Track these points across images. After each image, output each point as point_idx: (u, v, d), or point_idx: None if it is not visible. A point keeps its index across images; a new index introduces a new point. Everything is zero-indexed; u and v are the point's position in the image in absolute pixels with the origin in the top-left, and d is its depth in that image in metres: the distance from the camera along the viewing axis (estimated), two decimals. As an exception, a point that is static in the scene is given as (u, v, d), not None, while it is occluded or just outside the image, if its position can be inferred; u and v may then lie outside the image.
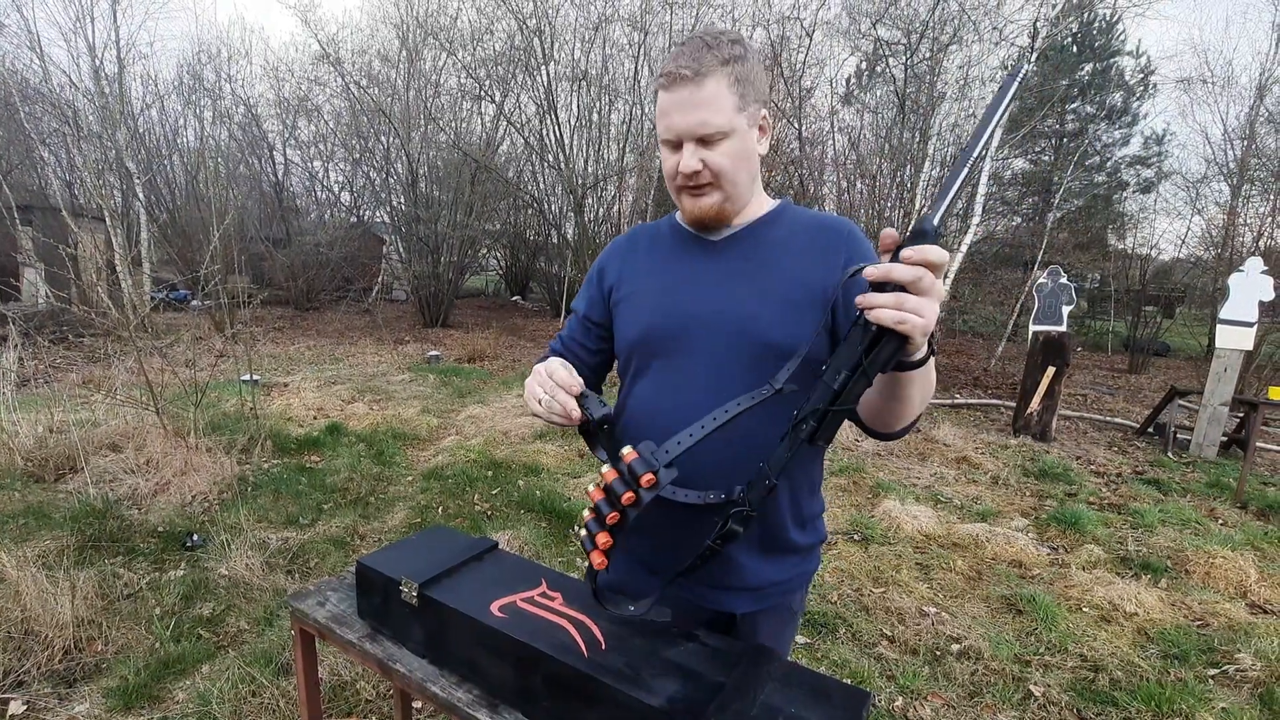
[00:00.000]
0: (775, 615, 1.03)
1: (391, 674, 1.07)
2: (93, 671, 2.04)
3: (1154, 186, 14.14)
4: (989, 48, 7.31)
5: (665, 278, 0.99)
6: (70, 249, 5.63)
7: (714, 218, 0.94)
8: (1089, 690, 2.22)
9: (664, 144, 0.92)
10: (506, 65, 10.22)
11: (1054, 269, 5.88)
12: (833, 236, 0.94)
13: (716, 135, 0.87)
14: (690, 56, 0.85)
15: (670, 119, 0.88)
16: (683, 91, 0.86)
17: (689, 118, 0.86)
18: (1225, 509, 4.02)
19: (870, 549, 3.26)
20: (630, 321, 1.01)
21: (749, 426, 0.84)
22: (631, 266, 1.05)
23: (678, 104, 0.87)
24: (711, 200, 0.92)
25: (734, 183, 0.91)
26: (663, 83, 0.88)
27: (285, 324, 10.54)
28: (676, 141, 0.89)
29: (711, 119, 0.86)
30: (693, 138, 0.88)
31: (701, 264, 0.97)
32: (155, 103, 13.06)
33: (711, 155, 0.88)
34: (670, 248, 1.02)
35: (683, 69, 0.85)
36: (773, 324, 0.89)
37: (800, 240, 0.95)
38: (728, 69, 0.86)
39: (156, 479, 3.39)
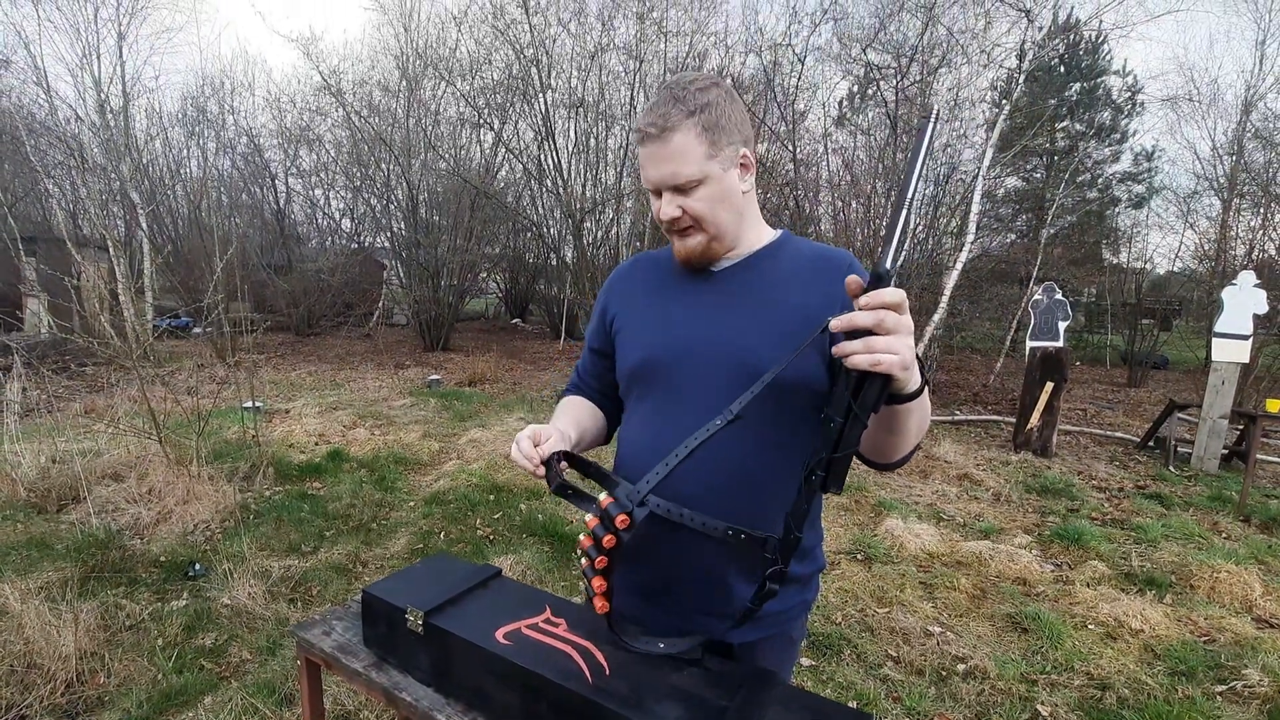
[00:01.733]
0: (774, 644, 1.03)
1: (397, 703, 1.08)
2: (95, 704, 2.03)
3: (1145, 202, 14.31)
4: (978, 70, 7.47)
5: (664, 308, 1.01)
6: (74, 279, 5.68)
7: (700, 256, 0.98)
8: (1097, 709, 2.21)
9: (649, 190, 0.97)
10: (505, 93, 10.41)
11: (1049, 285, 5.94)
12: (832, 268, 0.96)
13: (689, 184, 0.91)
14: (658, 113, 0.89)
15: (646, 171, 0.94)
16: (652, 146, 0.90)
17: (660, 170, 0.91)
18: (1228, 522, 4.01)
19: (873, 568, 3.25)
20: (629, 350, 1.03)
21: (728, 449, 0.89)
22: (630, 295, 1.07)
23: (649, 158, 0.92)
24: (697, 240, 0.96)
25: (715, 224, 0.94)
26: (638, 138, 0.93)
27: (287, 350, 10.58)
28: (656, 190, 0.94)
29: (681, 170, 0.90)
30: (667, 187, 0.92)
31: (700, 294, 0.99)
32: (159, 134, 13.30)
33: (688, 202, 0.92)
34: (670, 277, 1.04)
35: (649, 126, 0.89)
36: (771, 355, 0.88)
37: (800, 272, 0.97)
38: (694, 120, 0.88)
39: (159, 508, 3.39)
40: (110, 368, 6.34)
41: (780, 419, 0.94)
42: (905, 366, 0.66)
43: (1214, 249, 10.99)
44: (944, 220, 8.20)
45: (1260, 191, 10.54)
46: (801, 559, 1.02)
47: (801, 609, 1.05)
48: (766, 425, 0.93)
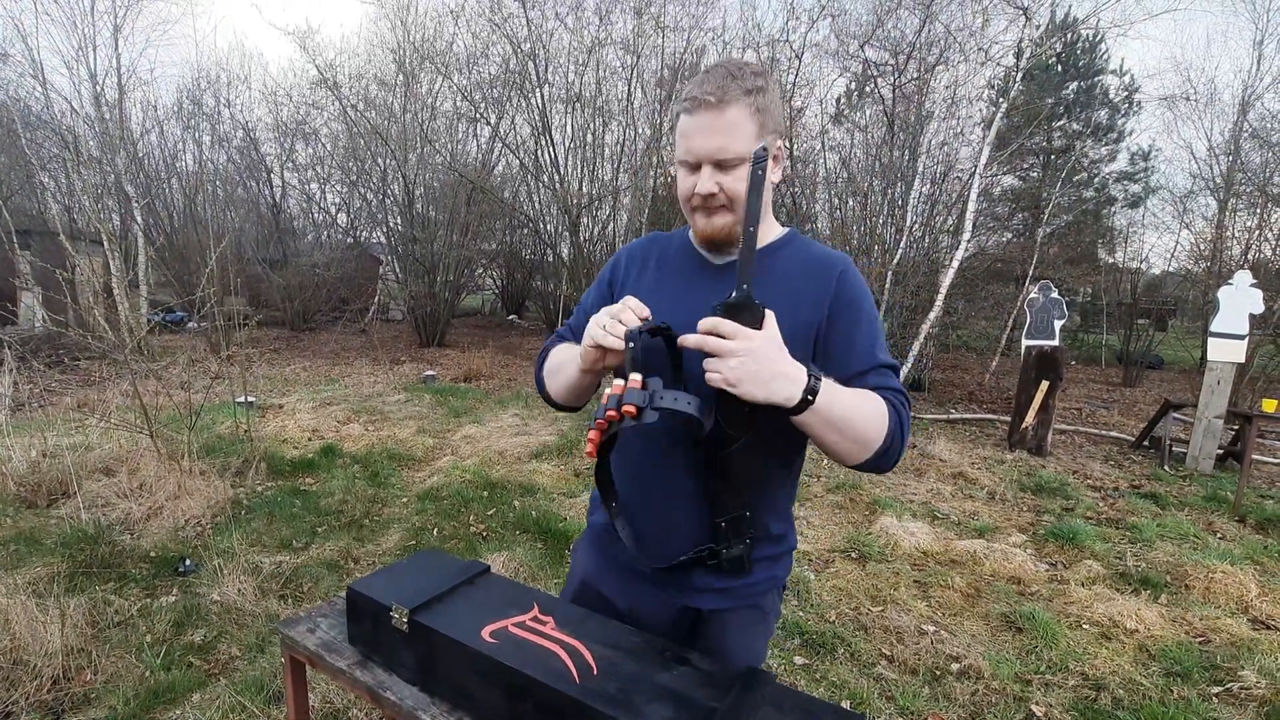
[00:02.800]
0: (745, 614, 1.06)
1: (382, 702, 1.06)
2: (81, 702, 2.00)
3: (1142, 201, 14.33)
4: (975, 68, 7.45)
5: (667, 295, 1.03)
6: (68, 273, 5.64)
7: (725, 238, 0.98)
8: (1091, 709, 2.20)
9: (681, 164, 0.95)
10: (501, 88, 10.36)
11: (1045, 284, 5.94)
12: (825, 274, 0.99)
13: (734, 160, 0.90)
14: (715, 83, 0.88)
15: (691, 141, 0.91)
16: (706, 116, 0.89)
17: (710, 142, 0.90)
18: (1223, 522, 4.02)
19: (868, 567, 3.24)
20: None
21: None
22: (638, 273, 1.09)
23: (700, 128, 0.90)
24: (724, 221, 0.96)
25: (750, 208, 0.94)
26: (687, 106, 0.91)
27: (281, 345, 10.53)
28: (695, 163, 0.93)
29: (731, 145, 0.89)
30: (711, 161, 0.91)
31: (702, 287, 1.00)
32: (155, 128, 13.20)
33: (727, 180, 0.92)
34: (677, 265, 1.06)
35: (708, 94, 0.88)
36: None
37: (797, 275, 0.99)
38: (750, 99, 0.89)
39: (149, 503, 3.37)
40: (103, 362, 6.31)
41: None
42: (730, 384, 0.77)
43: (1210, 249, 11.00)
44: (940, 218, 8.20)
45: (1257, 192, 10.55)
46: (772, 542, 1.06)
47: (771, 584, 1.08)
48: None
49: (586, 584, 1.16)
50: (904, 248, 7.46)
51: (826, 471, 4.78)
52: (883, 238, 7.74)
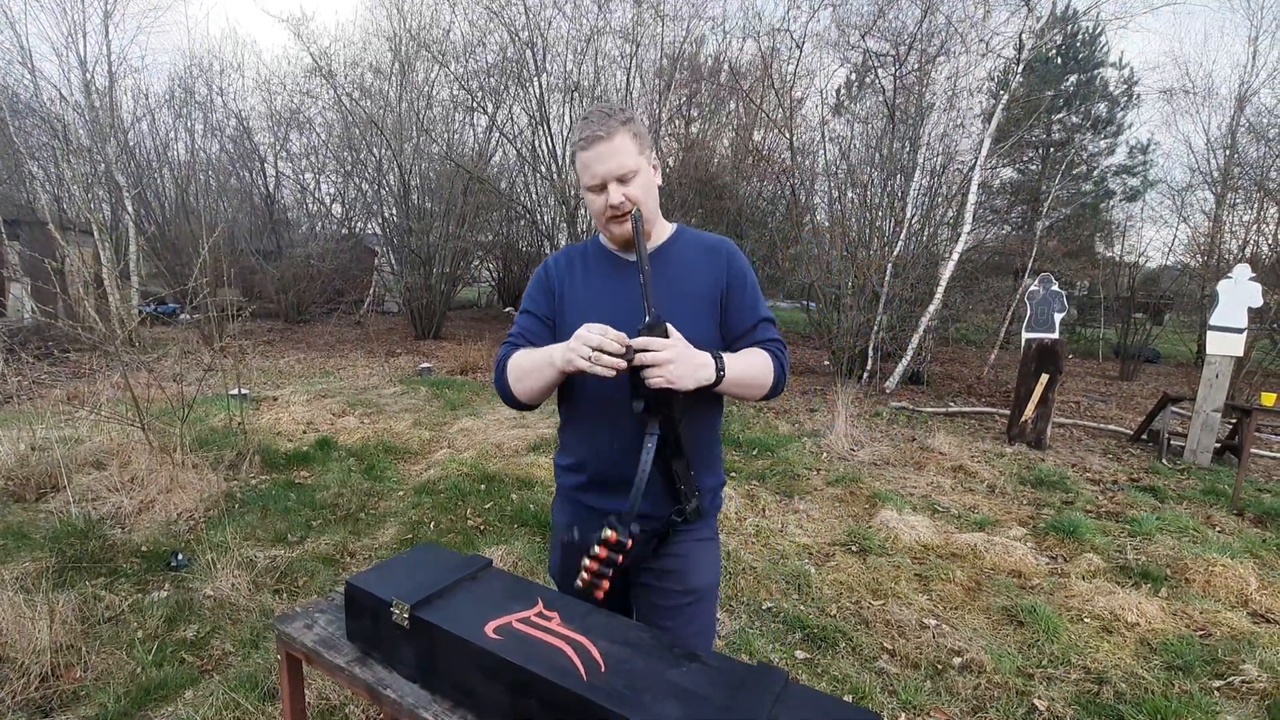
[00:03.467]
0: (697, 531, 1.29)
1: (382, 700, 1.03)
2: (70, 699, 1.96)
3: (1140, 195, 14.34)
4: (976, 59, 7.41)
5: (598, 294, 1.24)
6: (57, 263, 5.55)
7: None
8: (1094, 703, 2.19)
9: (589, 190, 1.18)
10: (499, 77, 10.26)
11: (1045, 276, 5.92)
12: (718, 253, 1.27)
13: (630, 174, 1.14)
14: (599, 122, 1.13)
15: (593, 169, 1.14)
16: (600, 147, 1.13)
17: (608, 164, 1.13)
18: (1222, 516, 4.02)
19: (868, 560, 3.23)
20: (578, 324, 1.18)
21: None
22: (570, 280, 1.27)
23: (597, 157, 1.13)
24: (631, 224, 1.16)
25: (648, 206, 1.18)
26: (582, 144, 1.14)
27: (275, 337, 10.45)
28: (601, 185, 1.15)
29: (625, 162, 1.14)
30: (613, 178, 1.14)
31: (624, 282, 1.22)
32: (146, 116, 13.03)
33: (629, 189, 1.15)
34: (598, 268, 1.27)
35: (598, 130, 1.12)
36: (685, 330, 1.12)
37: (694, 258, 1.26)
38: (627, 127, 1.14)
39: (141, 497, 3.32)
40: (94, 354, 6.23)
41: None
42: (671, 381, 1.02)
43: (1207, 243, 11.02)
44: (940, 211, 8.17)
45: (1254, 186, 10.57)
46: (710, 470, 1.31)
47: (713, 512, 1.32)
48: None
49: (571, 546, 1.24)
50: (903, 240, 7.43)
51: (826, 465, 4.76)
52: (882, 230, 7.71)
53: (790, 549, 3.32)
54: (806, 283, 8.10)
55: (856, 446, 5.22)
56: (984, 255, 10.25)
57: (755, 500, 3.99)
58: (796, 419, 6.25)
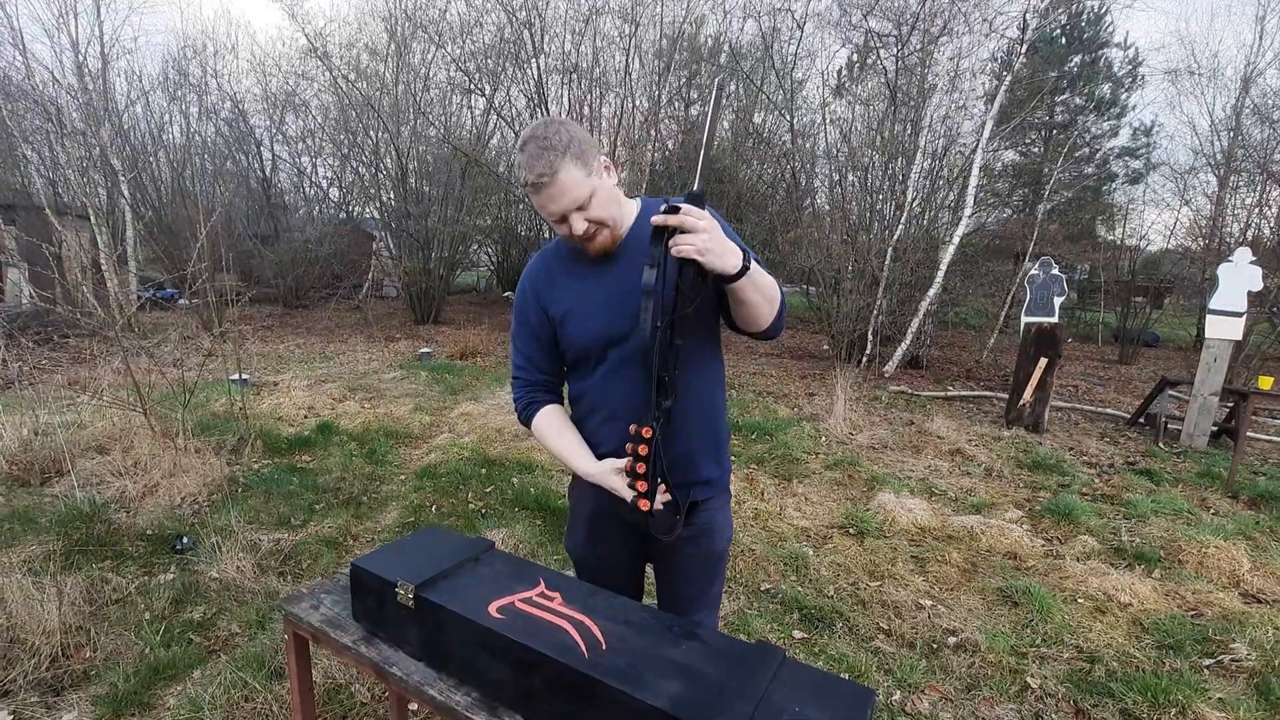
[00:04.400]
0: (723, 496, 1.35)
1: (388, 677, 1.05)
2: (81, 679, 2.00)
3: (1142, 178, 14.25)
4: (979, 39, 7.31)
5: (590, 290, 1.23)
6: (54, 248, 5.53)
7: (611, 247, 1.20)
8: (1085, 681, 2.23)
9: (552, 220, 1.15)
10: (496, 58, 10.14)
11: (1045, 260, 5.90)
12: None
13: (586, 200, 1.12)
14: (541, 164, 1.07)
15: (549, 209, 1.12)
16: (547, 191, 1.09)
17: (561, 203, 1.10)
18: (1216, 498, 4.05)
19: (866, 542, 3.26)
20: (582, 328, 1.24)
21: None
22: (552, 289, 1.27)
23: (549, 200, 1.10)
24: (604, 237, 1.17)
25: (614, 220, 1.17)
26: (530, 190, 1.10)
27: (274, 322, 10.44)
28: (562, 218, 1.13)
29: (576, 194, 1.10)
30: (568, 211, 1.12)
31: (609, 270, 1.22)
32: (140, 99, 12.89)
33: (590, 213, 1.13)
34: (580, 268, 1.25)
35: (540, 177, 1.07)
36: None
37: None
38: (567, 156, 1.08)
39: (144, 481, 3.34)
40: (93, 339, 6.22)
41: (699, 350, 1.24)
42: (701, 253, 0.96)
43: (1209, 227, 10.98)
44: (941, 194, 8.12)
45: (1257, 168, 10.50)
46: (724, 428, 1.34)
47: (729, 471, 1.37)
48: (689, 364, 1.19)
49: (598, 514, 1.31)
50: (904, 224, 7.40)
51: (824, 449, 4.79)
52: (882, 213, 7.67)
53: (789, 531, 3.36)
54: (806, 267, 8.08)
55: (855, 430, 5.25)
56: (984, 239, 10.20)
57: (754, 483, 4.02)
58: (795, 403, 6.27)
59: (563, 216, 1.13)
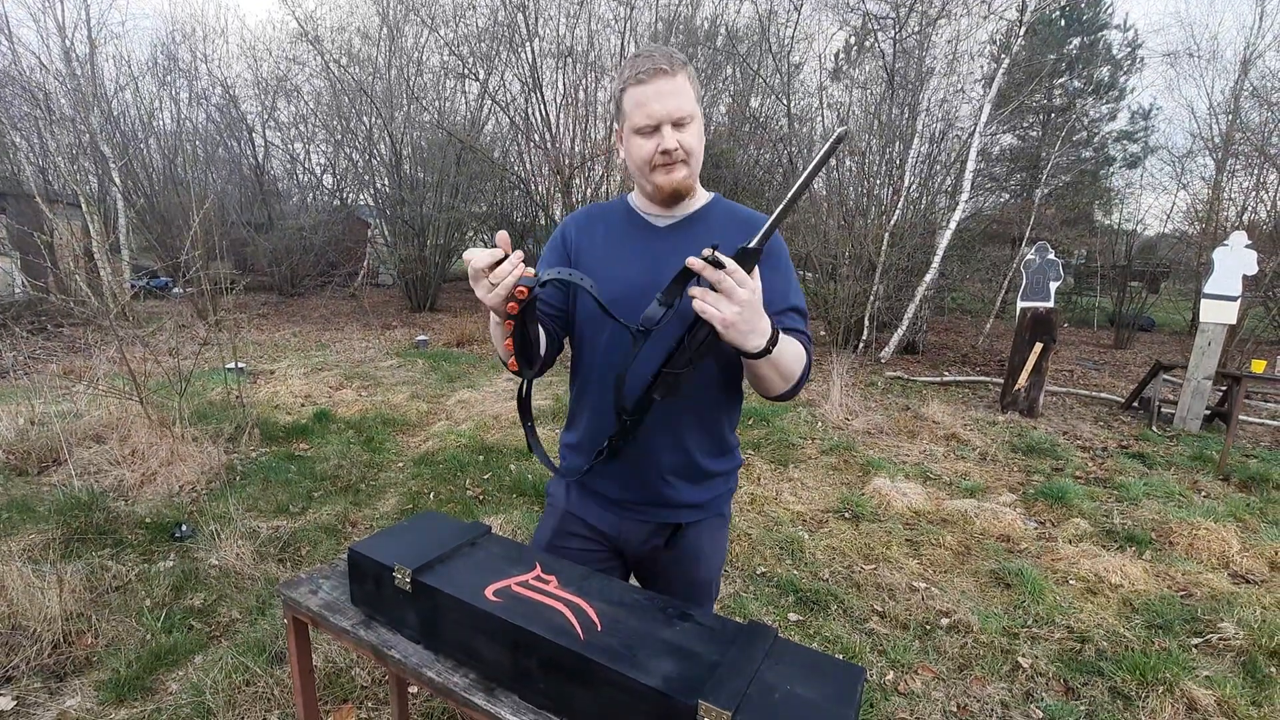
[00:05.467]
0: (714, 521, 1.25)
1: (386, 660, 1.06)
2: (83, 665, 2.02)
3: (1140, 162, 14.20)
4: (977, 21, 7.25)
5: (623, 257, 1.15)
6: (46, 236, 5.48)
7: (685, 188, 1.11)
8: (1075, 661, 2.27)
9: (638, 133, 1.06)
10: (490, 42, 10.01)
11: (1042, 245, 5.90)
12: (753, 227, 1.09)
13: (687, 119, 1.05)
14: (663, 56, 1.02)
15: (650, 107, 1.03)
16: (661, 83, 1.02)
17: (668, 104, 1.02)
18: (1208, 481, 4.09)
19: (861, 526, 3.29)
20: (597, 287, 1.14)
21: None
22: (590, 241, 1.18)
23: (657, 94, 1.02)
24: (682, 174, 1.09)
25: (697, 159, 1.10)
26: (641, 78, 1.02)
27: (270, 310, 10.40)
28: (655, 126, 1.04)
29: (685, 104, 1.04)
30: (670, 120, 1.04)
31: (651, 246, 1.14)
32: (129, 84, 12.71)
33: (684, 136, 1.06)
34: (624, 231, 1.18)
35: (660, 65, 1.01)
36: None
37: (728, 230, 1.14)
38: (688, 69, 1.06)
39: (142, 470, 3.35)
40: (88, 328, 6.20)
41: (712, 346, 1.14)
42: (725, 325, 0.86)
43: (1206, 210, 10.97)
44: (938, 179, 8.09)
45: (1255, 152, 10.47)
46: (721, 457, 1.23)
47: (728, 494, 1.28)
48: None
49: (570, 514, 1.26)
50: (901, 209, 7.38)
51: (821, 434, 4.81)
52: (879, 198, 7.65)
53: (784, 516, 3.39)
54: (803, 252, 8.06)
55: (851, 416, 5.27)
56: (982, 224, 10.19)
57: (750, 469, 4.04)
58: (792, 389, 6.29)
59: (657, 125, 1.03)
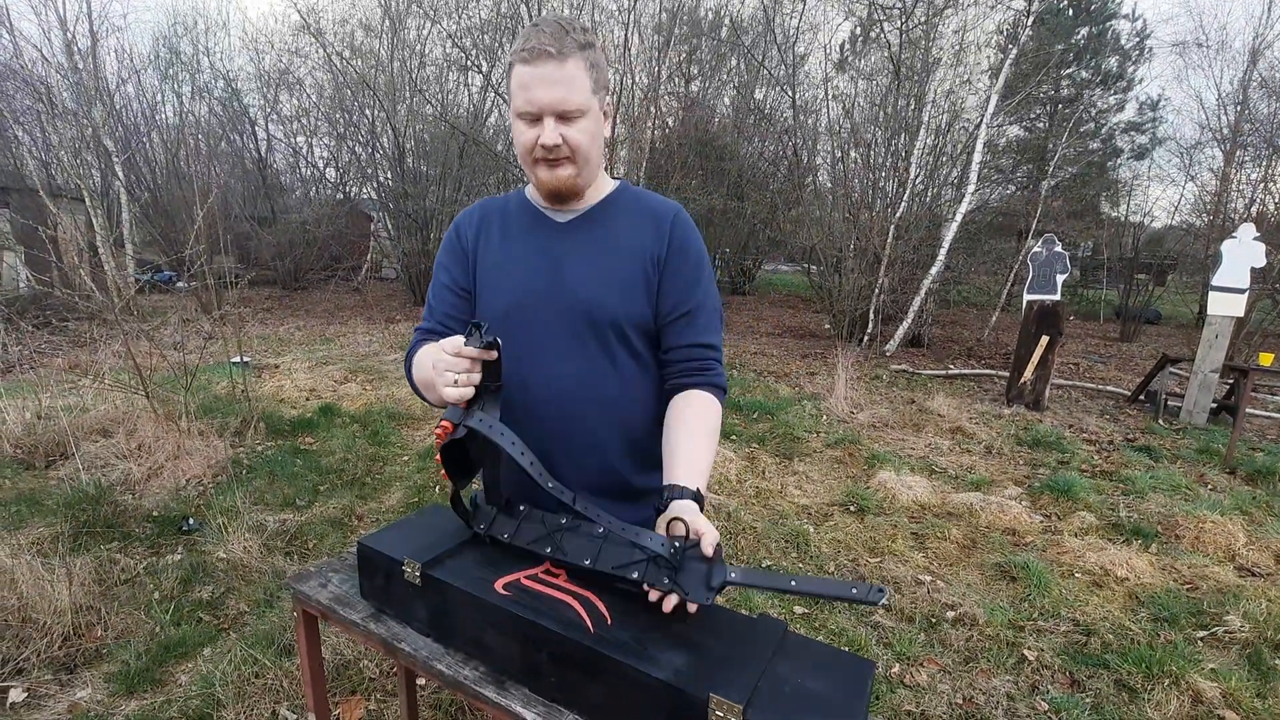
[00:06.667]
0: None
1: (396, 653, 1.06)
2: (93, 657, 2.03)
3: (1148, 153, 14.08)
4: (985, 11, 7.18)
5: (522, 257, 1.07)
6: (50, 231, 5.49)
7: (569, 189, 1.02)
8: (1081, 653, 2.27)
9: (521, 117, 0.95)
10: (493, 33, 9.96)
11: (1049, 237, 5.86)
12: (660, 221, 1.06)
13: (575, 113, 0.94)
14: (552, 35, 0.90)
15: (532, 93, 0.92)
16: (546, 67, 0.90)
17: (552, 93, 0.91)
18: (1214, 474, 4.08)
19: (866, 520, 3.29)
20: (493, 297, 1.08)
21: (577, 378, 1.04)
22: (487, 242, 1.10)
23: (541, 79, 0.91)
24: (567, 172, 0.99)
25: (587, 159, 0.99)
26: (525, 56, 0.91)
27: (274, 304, 10.41)
28: (537, 115, 0.94)
29: (572, 96, 0.92)
30: (554, 112, 0.93)
31: (554, 245, 1.06)
32: (131, 78, 12.69)
33: (570, 131, 0.95)
34: (522, 227, 1.09)
35: (546, 45, 0.89)
36: (614, 304, 1.03)
37: (634, 222, 1.06)
38: (584, 54, 0.92)
39: (149, 463, 3.36)
40: (93, 323, 6.21)
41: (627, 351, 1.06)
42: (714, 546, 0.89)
43: (1214, 202, 10.87)
44: (944, 171, 8.04)
45: (1263, 143, 10.37)
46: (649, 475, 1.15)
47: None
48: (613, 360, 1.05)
49: None
50: (906, 201, 7.34)
51: (825, 428, 4.81)
52: (885, 190, 7.60)
53: (789, 510, 3.39)
54: (808, 245, 8.03)
55: (856, 409, 5.26)
56: (988, 216, 10.12)
57: (755, 462, 4.04)
58: (796, 382, 6.28)
59: (539, 115, 0.93)
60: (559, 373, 1.04)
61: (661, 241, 1.05)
